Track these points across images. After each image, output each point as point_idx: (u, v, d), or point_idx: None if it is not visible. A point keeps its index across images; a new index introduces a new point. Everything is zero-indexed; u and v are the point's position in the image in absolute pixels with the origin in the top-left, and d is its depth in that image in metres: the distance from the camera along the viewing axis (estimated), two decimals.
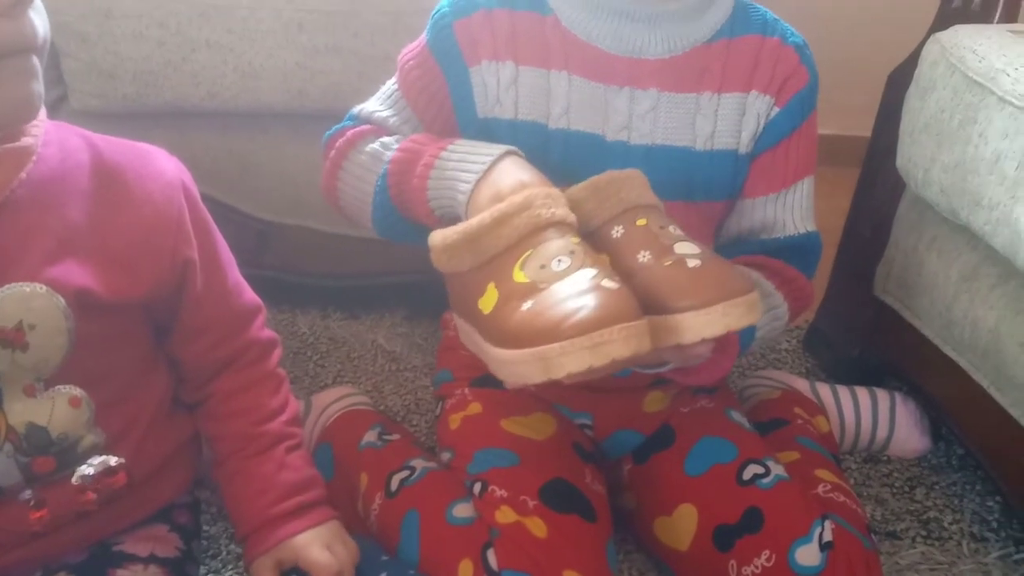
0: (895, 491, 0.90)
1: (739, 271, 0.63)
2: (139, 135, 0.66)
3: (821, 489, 0.76)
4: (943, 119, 0.84)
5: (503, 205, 0.60)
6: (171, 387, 0.69)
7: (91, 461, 0.62)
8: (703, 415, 0.80)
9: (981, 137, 0.78)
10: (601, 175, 0.65)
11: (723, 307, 0.59)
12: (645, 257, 0.61)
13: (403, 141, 0.70)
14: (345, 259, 1.08)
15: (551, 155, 0.72)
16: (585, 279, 0.56)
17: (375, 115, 0.74)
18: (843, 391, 0.96)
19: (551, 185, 0.64)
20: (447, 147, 0.67)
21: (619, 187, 0.64)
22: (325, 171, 0.74)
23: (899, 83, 0.94)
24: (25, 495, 0.60)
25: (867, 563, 0.68)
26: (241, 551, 0.70)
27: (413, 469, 0.75)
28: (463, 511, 0.70)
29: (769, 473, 0.73)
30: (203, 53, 0.93)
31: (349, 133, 0.73)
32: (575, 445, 0.77)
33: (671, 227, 0.64)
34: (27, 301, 0.56)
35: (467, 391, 0.82)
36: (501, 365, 0.58)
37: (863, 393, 0.95)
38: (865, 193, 1.04)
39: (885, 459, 0.94)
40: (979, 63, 0.81)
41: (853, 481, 0.91)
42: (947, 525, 0.86)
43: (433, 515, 0.70)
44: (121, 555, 0.65)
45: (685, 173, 0.74)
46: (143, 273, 0.61)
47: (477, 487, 0.72)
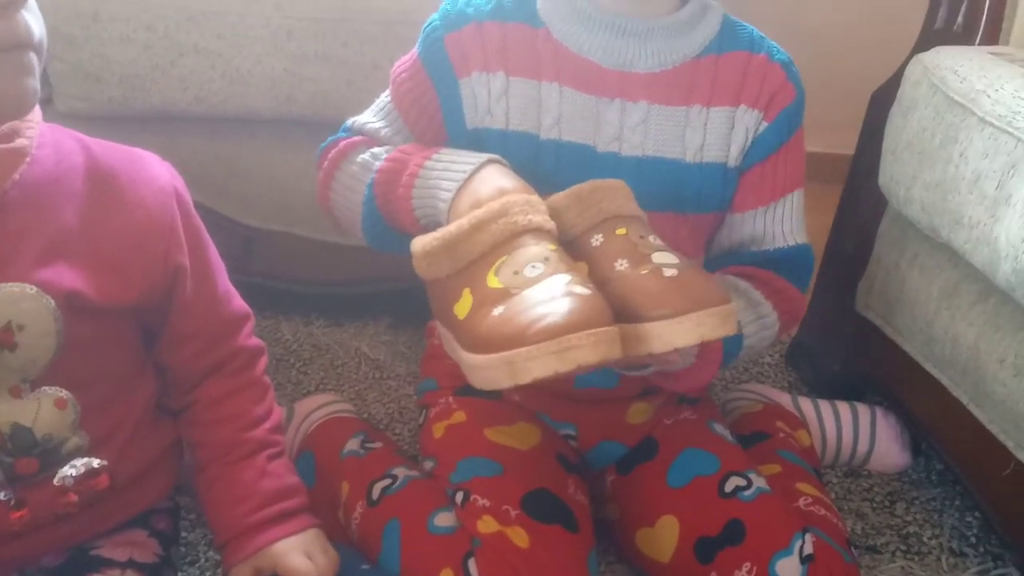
0: (875, 505, 0.91)
1: (716, 282, 0.63)
2: (125, 139, 0.66)
3: (802, 502, 0.76)
4: (925, 138, 0.85)
5: (480, 211, 0.60)
6: (156, 392, 0.69)
7: (74, 463, 0.61)
8: (686, 427, 0.81)
9: (962, 157, 0.79)
10: (584, 184, 0.65)
11: (696, 317, 0.58)
12: (622, 265, 0.61)
13: (392, 151, 0.70)
14: (330, 266, 1.08)
15: (542, 165, 0.73)
16: (558, 285, 0.56)
17: (367, 126, 0.75)
18: (824, 405, 0.96)
19: (532, 192, 0.64)
20: (431, 156, 0.68)
21: (601, 196, 0.64)
22: (319, 183, 0.75)
23: (882, 102, 0.95)
24: (4, 495, 0.59)
25: None
26: (220, 558, 0.69)
27: (395, 478, 0.75)
28: (445, 520, 0.70)
29: (751, 486, 0.73)
30: (191, 58, 0.93)
31: (341, 144, 0.74)
32: (559, 455, 0.77)
33: (651, 237, 0.64)
34: (17, 302, 0.56)
35: (451, 400, 0.82)
36: (472, 370, 0.58)
37: (844, 408, 0.96)
38: (848, 210, 1.05)
39: (866, 474, 0.95)
40: (960, 84, 0.82)
41: (834, 495, 0.91)
42: (927, 540, 0.87)
43: (415, 524, 0.70)
44: (99, 560, 0.64)
45: (675, 185, 0.75)
46: (134, 277, 0.61)
47: (459, 496, 0.72)
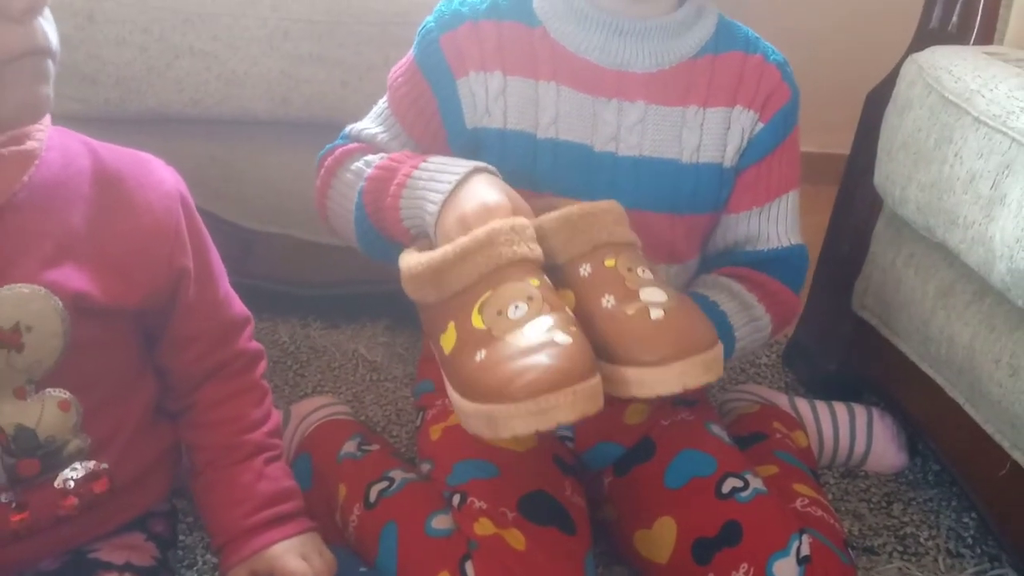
0: (872, 506, 0.91)
1: (704, 322, 0.62)
2: (121, 141, 0.66)
3: (799, 503, 0.76)
4: (920, 138, 0.85)
5: (466, 239, 0.60)
6: (157, 395, 0.70)
7: (75, 466, 0.62)
8: (683, 428, 0.81)
9: (956, 156, 0.79)
10: (574, 207, 0.64)
11: (680, 366, 0.58)
12: (609, 302, 0.61)
13: (383, 159, 0.70)
14: (327, 268, 1.08)
15: (540, 164, 0.73)
16: (540, 331, 0.56)
17: (365, 132, 0.75)
18: (821, 406, 0.96)
19: (521, 202, 0.64)
20: (419, 165, 0.67)
21: (591, 222, 0.64)
22: (316, 191, 0.75)
23: (877, 102, 0.96)
24: (5, 497, 0.59)
25: None
26: (217, 561, 0.69)
27: (392, 480, 0.75)
28: (442, 523, 0.70)
29: (748, 487, 0.73)
30: (187, 60, 0.93)
31: (338, 152, 0.73)
32: (555, 457, 0.77)
33: (639, 269, 0.63)
34: (26, 303, 0.57)
35: (447, 402, 0.81)
36: (458, 411, 0.59)
37: (841, 408, 0.96)
38: (843, 210, 1.05)
39: (862, 474, 0.95)
40: (955, 83, 0.82)
41: (831, 496, 0.91)
42: (923, 541, 0.87)
43: (411, 527, 0.70)
44: (96, 563, 0.64)
45: (672, 185, 0.75)
46: (139, 280, 0.62)
47: (456, 499, 0.71)
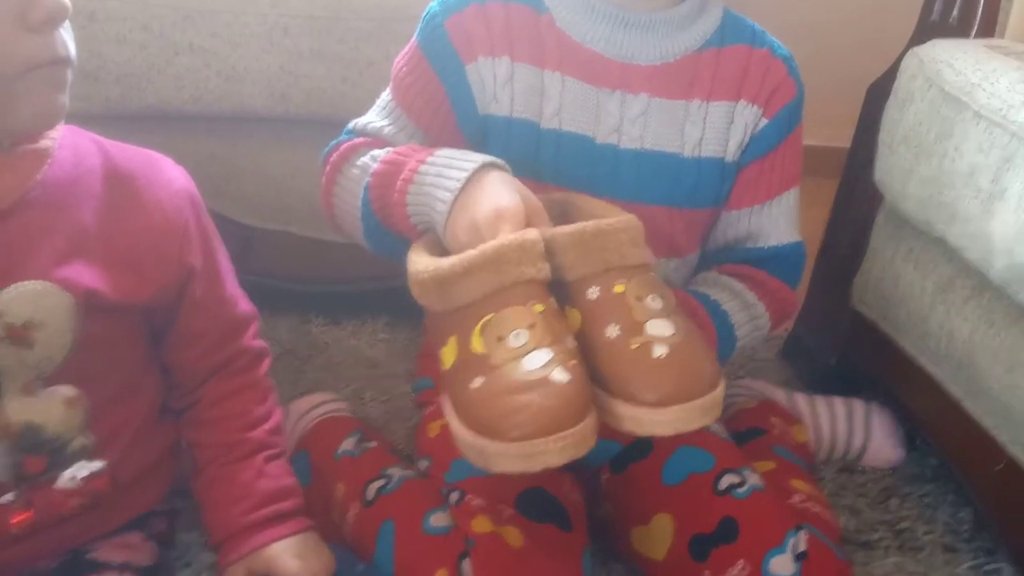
0: (869, 501, 0.91)
1: (708, 358, 0.61)
2: (121, 138, 0.66)
3: (796, 499, 0.77)
4: (920, 132, 0.85)
5: (474, 254, 0.58)
6: (161, 394, 0.70)
7: (78, 465, 0.62)
8: None
9: (957, 151, 0.79)
10: (589, 224, 0.62)
11: (676, 411, 0.58)
12: (613, 331, 0.60)
13: (388, 153, 0.69)
14: (327, 265, 1.08)
15: (542, 154, 0.73)
16: (537, 365, 0.55)
17: (370, 126, 0.74)
18: (820, 401, 0.96)
19: (534, 202, 0.63)
20: (426, 160, 0.66)
21: (604, 242, 0.62)
22: (322, 189, 0.74)
23: (878, 96, 0.95)
24: (8, 497, 0.60)
25: (840, 574, 0.69)
26: (214, 560, 0.70)
27: (390, 478, 0.75)
28: (439, 520, 0.70)
29: (745, 483, 0.73)
30: (186, 57, 0.93)
31: (343, 147, 0.72)
32: None
33: (649, 298, 0.61)
34: (38, 299, 0.57)
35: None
36: (452, 434, 0.59)
37: (839, 403, 0.96)
38: (843, 204, 1.05)
39: (860, 469, 0.95)
40: (956, 77, 0.82)
41: (828, 491, 0.91)
42: (920, 535, 0.87)
43: (409, 524, 0.70)
44: (95, 563, 0.65)
45: (672, 179, 0.75)
46: (149, 277, 0.63)
47: (454, 496, 0.72)
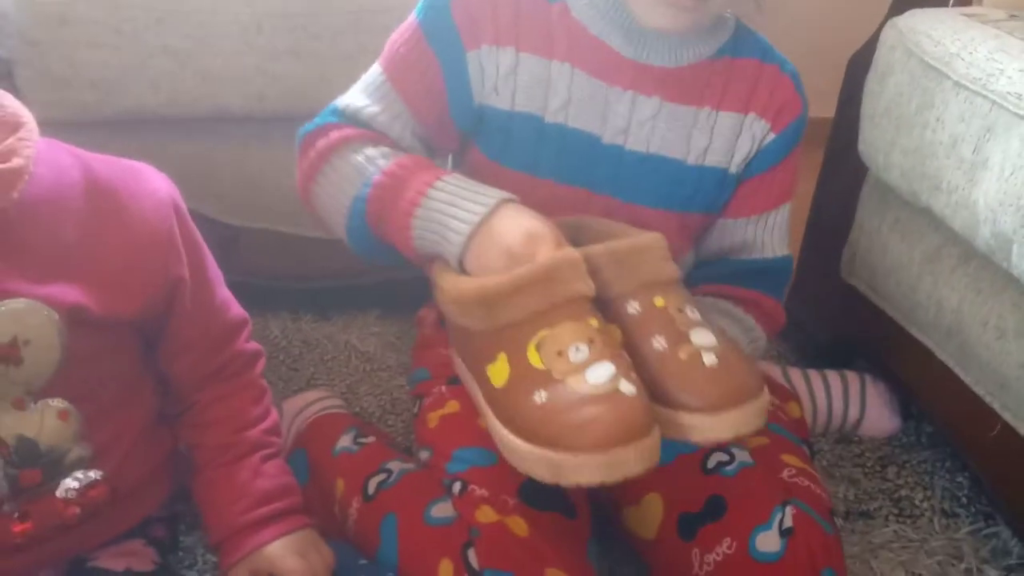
0: (867, 471, 0.92)
1: (752, 366, 0.63)
2: (99, 144, 0.65)
3: (786, 474, 0.76)
4: (901, 103, 0.85)
5: (523, 272, 0.58)
6: (158, 401, 0.70)
7: (76, 475, 0.62)
8: None
9: (938, 121, 0.79)
10: (621, 243, 0.64)
11: (735, 414, 0.60)
12: (660, 344, 0.61)
13: (389, 163, 0.67)
14: (314, 261, 1.07)
15: (544, 149, 0.72)
16: (603, 378, 0.56)
17: (363, 112, 0.70)
18: (814, 375, 0.97)
19: (556, 230, 0.62)
20: (434, 183, 0.64)
21: (639, 260, 0.64)
22: (302, 172, 0.71)
23: (859, 67, 0.95)
24: (7, 508, 0.60)
25: (827, 548, 0.68)
26: (216, 560, 0.70)
27: (390, 472, 0.75)
28: (441, 511, 0.70)
29: (734, 460, 0.73)
30: (161, 59, 0.92)
31: (333, 136, 0.69)
32: None
33: (688, 309, 0.63)
34: (22, 317, 0.57)
35: (444, 389, 0.81)
36: (507, 450, 0.58)
37: (833, 376, 0.97)
38: (829, 177, 1.06)
39: (857, 440, 0.96)
40: (935, 48, 0.82)
41: (826, 462, 0.92)
42: (918, 503, 0.88)
43: (411, 517, 0.70)
44: (96, 571, 0.65)
45: (672, 184, 0.75)
46: (135, 290, 0.62)
47: (457, 486, 0.72)
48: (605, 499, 0.79)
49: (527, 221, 0.62)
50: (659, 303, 0.63)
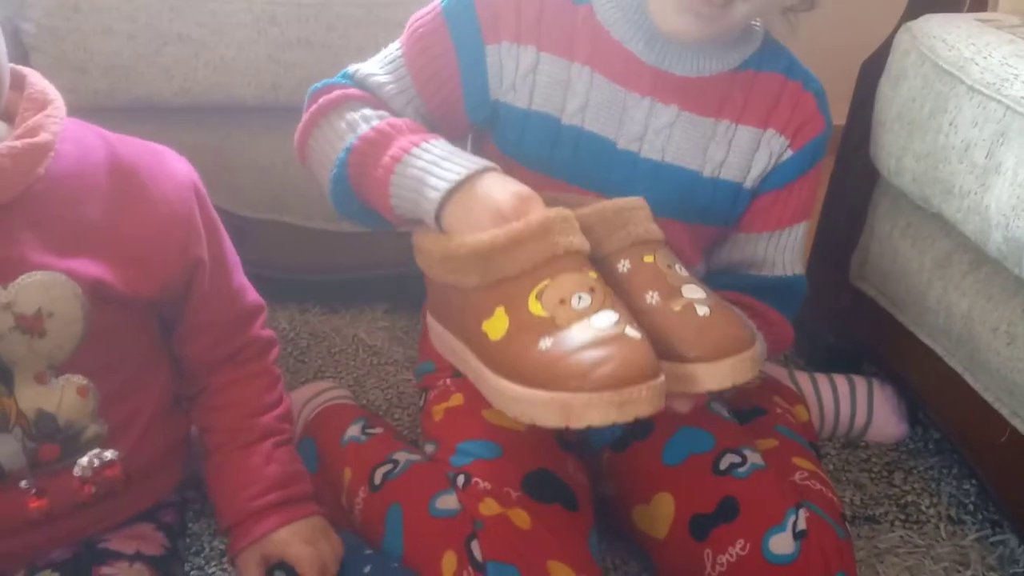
0: (874, 476, 0.92)
1: (743, 320, 0.64)
2: (112, 130, 0.66)
3: (798, 477, 0.77)
4: (914, 108, 0.84)
5: (519, 225, 0.58)
6: (172, 384, 0.71)
7: (91, 453, 0.62)
8: None
9: (951, 126, 0.79)
10: (607, 203, 0.64)
11: (731, 362, 0.60)
12: (653, 299, 0.62)
13: (381, 122, 0.66)
14: (324, 253, 1.08)
15: (559, 151, 0.72)
16: (607, 323, 0.56)
17: (371, 79, 0.70)
18: (821, 379, 0.97)
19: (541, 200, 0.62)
20: (420, 144, 0.64)
21: (627, 219, 0.64)
22: (302, 125, 0.71)
23: (872, 72, 0.95)
24: (25, 483, 0.60)
25: (840, 551, 0.68)
26: (224, 547, 0.70)
27: (396, 462, 0.75)
28: (446, 503, 0.70)
29: (746, 462, 0.73)
30: (174, 47, 0.92)
31: (336, 93, 0.69)
32: (556, 435, 0.77)
33: (676, 266, 0.64)
34: (47, 289, 0.57)
35: (449, 382, 0.82)
36: (510, 401, 0.57)
37: (841, 380, 0.97)
38: (840, 181, 1.05)
39: (864, 445, 0.96)
40: (949, 52, 0.82)
41: (832, 467, 0.92)
42: (925, 509, 0.88)
43: (416, 508, 0.70)
44: (107, 552, 0.65)
45: (685, 195, 0.74)
46: (155, 269, 0.63)
47: (461, 479, 0.72)
48: (614, 496, 0.79)
49: (513, 185, 0.62)
50: (648, 259, 0.63)
